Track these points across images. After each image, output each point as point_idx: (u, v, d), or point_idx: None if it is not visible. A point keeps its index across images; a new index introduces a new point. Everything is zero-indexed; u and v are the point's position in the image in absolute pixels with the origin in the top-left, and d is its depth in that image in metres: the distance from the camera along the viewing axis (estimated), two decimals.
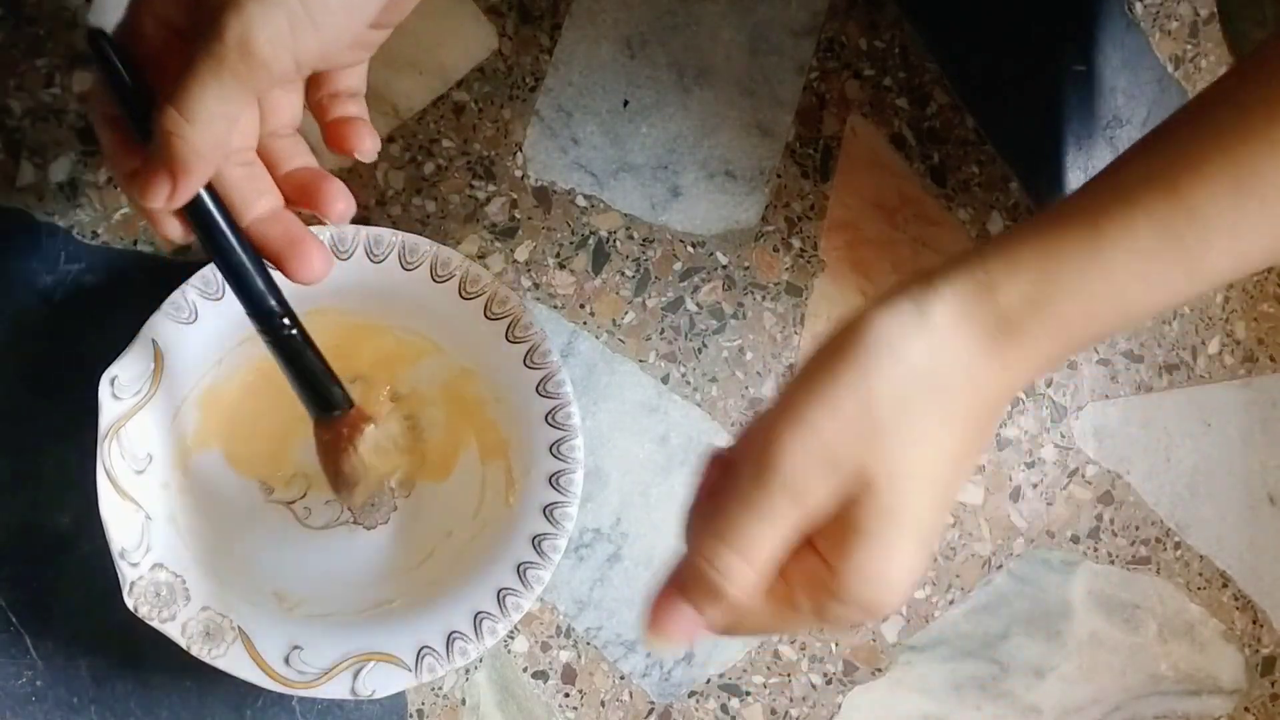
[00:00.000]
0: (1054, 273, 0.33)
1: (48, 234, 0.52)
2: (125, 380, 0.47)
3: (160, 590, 0.47)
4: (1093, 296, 0.33)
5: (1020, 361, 0.34)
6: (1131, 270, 0.33)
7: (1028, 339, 0.33)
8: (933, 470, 0.33)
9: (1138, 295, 0.33)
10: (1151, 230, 0.33)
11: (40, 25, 0.51)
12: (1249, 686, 0.62)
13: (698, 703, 0.57)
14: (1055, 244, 0.33)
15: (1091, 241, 0.33)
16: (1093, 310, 0.33)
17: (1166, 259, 0.33)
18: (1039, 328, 0.33)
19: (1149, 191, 0.33)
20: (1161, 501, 0.61)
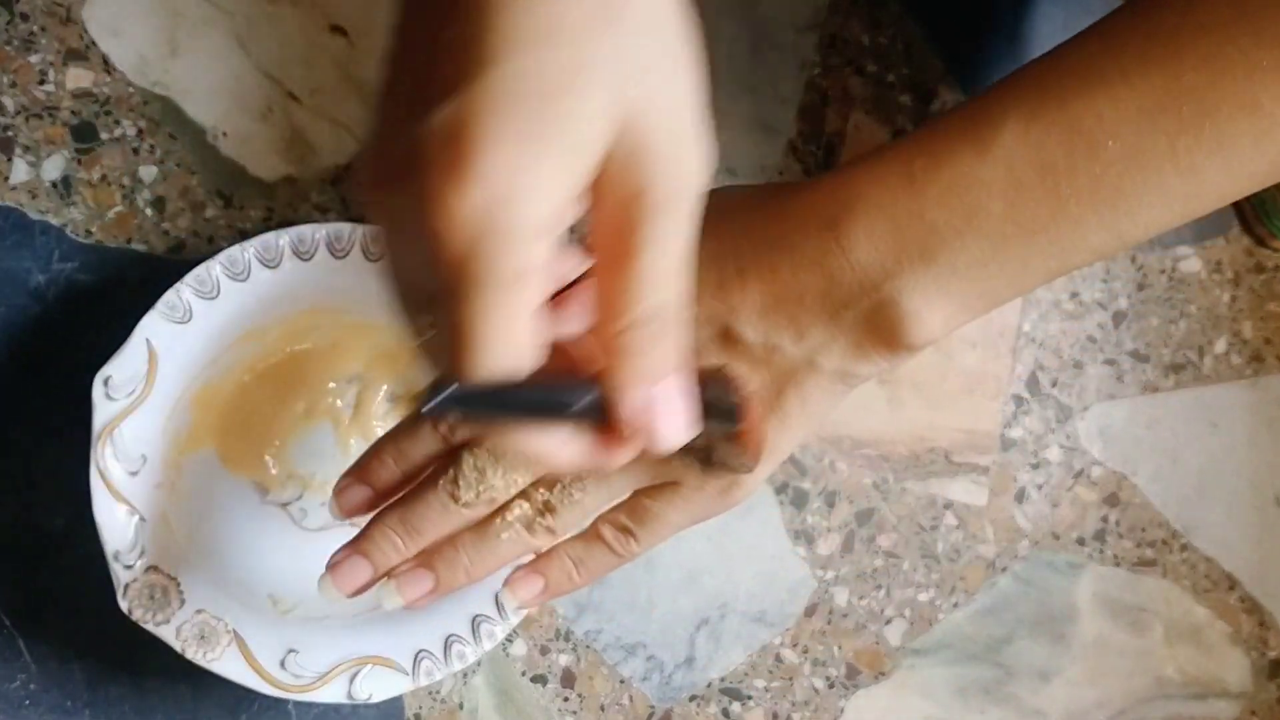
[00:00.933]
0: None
1: (41, 232, 0.51)
2: (119, 380, 0.47)
3: (154, 593, 0.47)
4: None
5: (799, 210, 0.37)
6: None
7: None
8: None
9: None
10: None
11: (34, 21, 0.51)
12: (1256, 690, 0.61)
13: (698, 707, 0.56)
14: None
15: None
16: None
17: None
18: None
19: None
20: (1168, 503, 0.61)
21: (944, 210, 0.35)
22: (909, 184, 0.36)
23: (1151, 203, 0.35)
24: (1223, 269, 0.61)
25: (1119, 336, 0.60)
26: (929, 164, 0.36)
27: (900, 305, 0.36)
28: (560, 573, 0.40)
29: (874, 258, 0.36)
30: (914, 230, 0.36)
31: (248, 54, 0.52)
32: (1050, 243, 0.36)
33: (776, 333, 0.37)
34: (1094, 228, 0.36)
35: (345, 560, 0.39)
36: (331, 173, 0.53)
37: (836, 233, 0.36)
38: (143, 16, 0.52)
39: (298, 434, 0.52)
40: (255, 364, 0.51)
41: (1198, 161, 0.34)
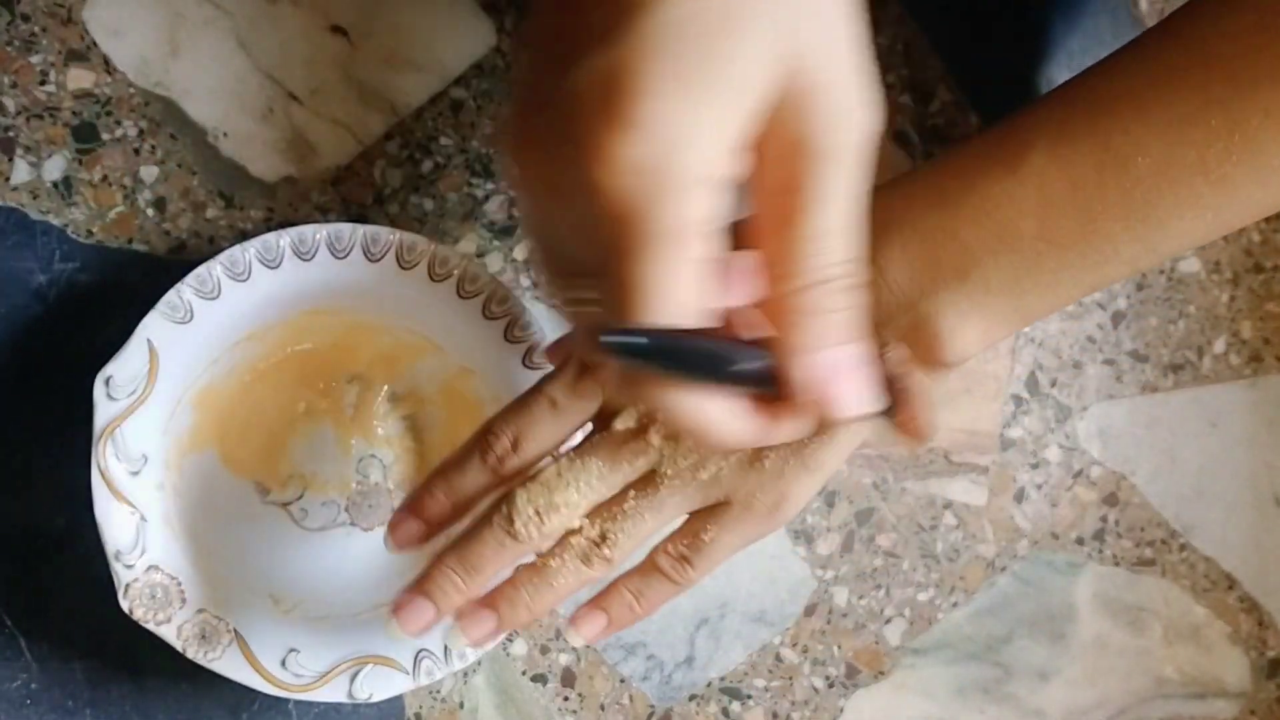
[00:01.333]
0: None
1: (42, 233, 0.51)
2: (120, 380, 0.47)
3: (156, 592, 0.47)
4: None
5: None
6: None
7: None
8: None
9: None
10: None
11: (35, 22, 0.51)
12: (1255, 689, 0.61)
13: (698, 706, 0.56)
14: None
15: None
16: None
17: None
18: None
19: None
20: (1167, 503, 0.61)
21: (976, 229, 0.36)
22: (941, 204, 0.36)
23: (1183, 215, 0.35)
24: (1221, 269, 0.61)
25: (1118, 336, 0.60)
26: (961, 185, 0.36)
27: (936, 322, 0.37)
28: (621, 607, 0.41)
29: (909, 277, 0.36)
30: (948, 249, 0.36)
31: (249, 55, 0.52)
32: (1082, 257, 0.36)
33: None
34: (1126, 242, 0.36)
35: (409, 602, 0.40)
36: (332, 173, 0.53)
37: (873, 253, 0.36)
38: (144, 17, 0.52)
39: (298, 434, 0.52)
40: (256, 364, 0.51)
41: (1229, 172, 0.34)
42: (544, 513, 0.39)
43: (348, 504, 0.52)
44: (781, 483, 0.39)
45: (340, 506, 0.52)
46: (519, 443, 0.39)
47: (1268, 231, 0.61)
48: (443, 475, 0.40)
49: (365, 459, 0.53)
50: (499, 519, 0.39)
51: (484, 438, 0.40)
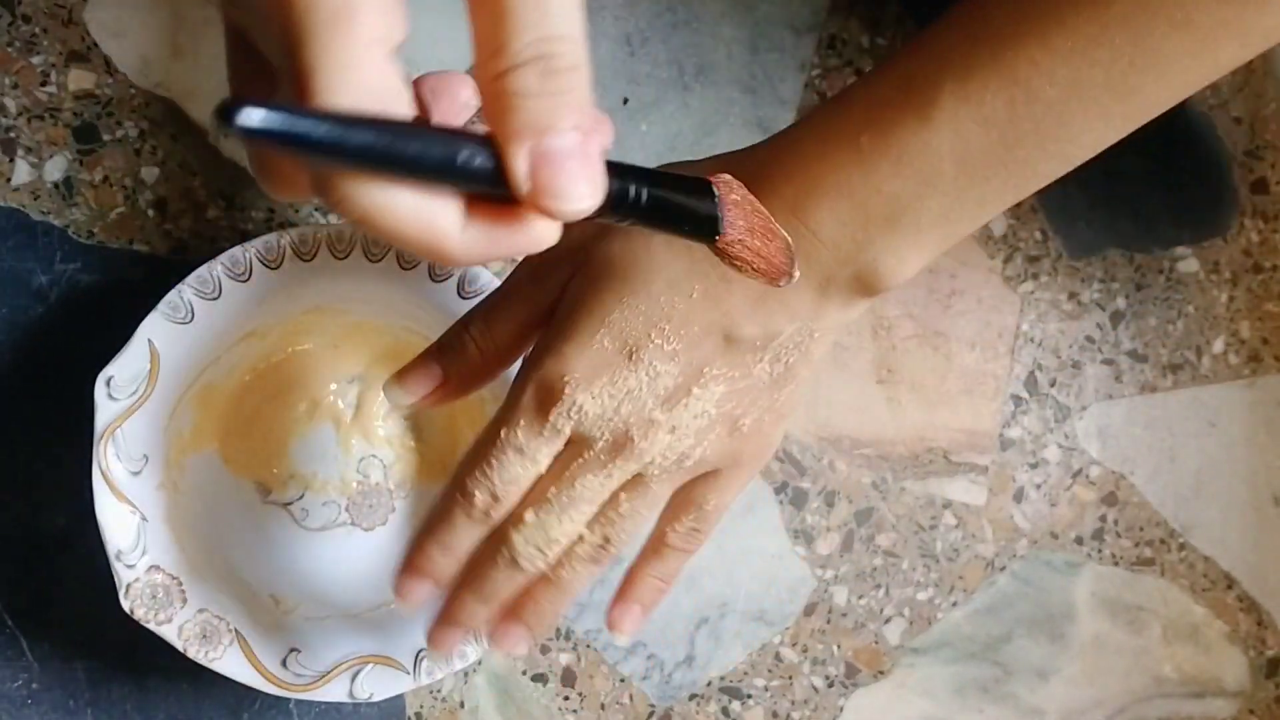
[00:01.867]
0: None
1: (43, 233, 0.51)
2: (121, 381, 0.47)
3: (156, 592, 0.47)
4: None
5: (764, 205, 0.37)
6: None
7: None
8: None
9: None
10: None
11: (36, 23, 0.51)
12: (1254, 689, 0.61)
13: (698, 705, 0.56)
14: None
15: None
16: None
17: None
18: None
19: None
20: (1166, 502, 0.61)
21: (899, 180, 0.37)
22: (860, 162, 0.37)
23: (1094, 128, 0.36)
24: (1220, 269, 0.61)
25: (1117, 336, 0.60)
26: (876, 139, 0.37)
27: (876, 268, 0.38)
28: (650, 591, 0.43)
29: (843, 234, 0.37)
30: (875, 203, 0.37)
31: None
32: (1003, 183, 0.37)
33: (772, 321, 0.39)
34: (1042, 161, 0.37)
35: (440, 632, 0.42)
36: None
37: (803, 217, 0.37)
38: (144, 18, 0.52)
39: (299, 434, 0.52)
40: (257, 364, 0.51)
41: (1134, 83, 0.35)
42: (545, 548, 0.40)
43: (348, 504, 0.52)
44: (761, 436, 0.41)
45: (341, 506, 0.52)
46: (497, 495, 0.39)
47: (1266, 231, 0.61)
48: (433, 537, 0.41)
49: (366, 459, 0.53)
50: (503, 560, 0.40)
51: (462, 497, 0.40)
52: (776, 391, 0.40)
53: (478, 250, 0.27)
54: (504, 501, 0.40)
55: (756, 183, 0.37)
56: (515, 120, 0.26)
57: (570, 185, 0.26)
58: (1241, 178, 0.61)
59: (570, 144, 0.26)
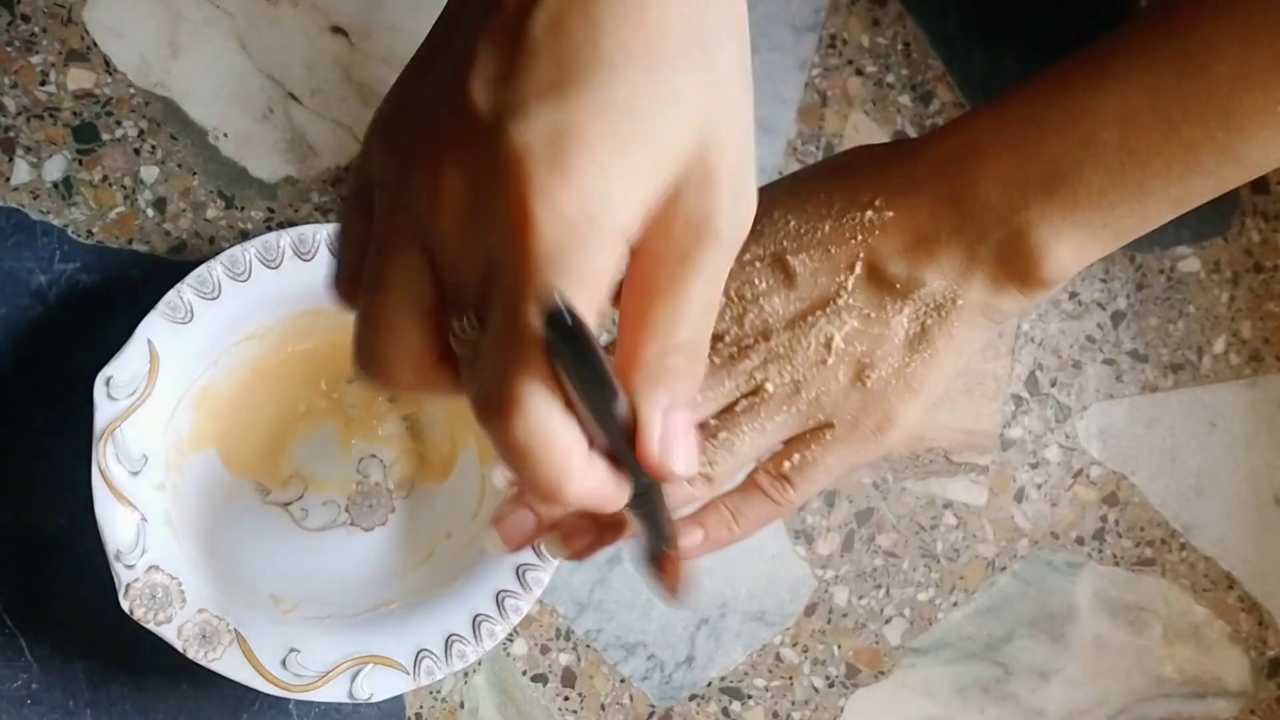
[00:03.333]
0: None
1: (42, 233, 0.51)
2: (120, 381, 0.47)
3: (156, 592, 0.47)
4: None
5: (930, 152, 0.39)
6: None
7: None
8: None
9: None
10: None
11: (35, 22, 0.51)
12: (1255, 689, 0.61)
13: (699, 706, 0.56)
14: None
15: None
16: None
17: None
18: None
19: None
20: (1167, 502, 0.61)
21: (1061, 143, 0.37)
22: (1027, 120, 0.37)
23: (1264, 122, 0.36)
24: (1221, 269, 0.61)
25: (1118, 336, 0.60)
26: (1045, 100, 0.37)
27: (1029, 237, 0.37)
28: (719, 523, 0.41)
29: (1001, 192, 0.37)
30: (1036, 164, 0.37)
31: (249, 55, 0.52)
32: (1166, 168, 0.37)
33: (918, 268, 0.38)
34: (1208, 150, 0.36)
35: (509, 514, 0.39)
36: (332, 173, 0.53)
37: (965, 171, 0.38)
38: (144, 18, 0.52)
39: (299, 434, 0.52)
40: (257, 364, 0.51)
41: None
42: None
43: (348, 504, 0.52)
44: (885, 403, 0.39)
45: (341, 506, 0.52)
46: None
47: (1267, 231, 0.61)
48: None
49: (366, 459, 0.53)
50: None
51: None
52: (910, 355, 0.39)
53: (586, 493, 0.30)
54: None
55: (929, 145, 0.38)
56: (662, 392, 0.30)
57: (686, 452, 0.30)
58: None
59: (688, 420, 0.31)
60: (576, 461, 0.29)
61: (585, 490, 0.30)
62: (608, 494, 0.31)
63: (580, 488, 0.29)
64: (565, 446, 0.28)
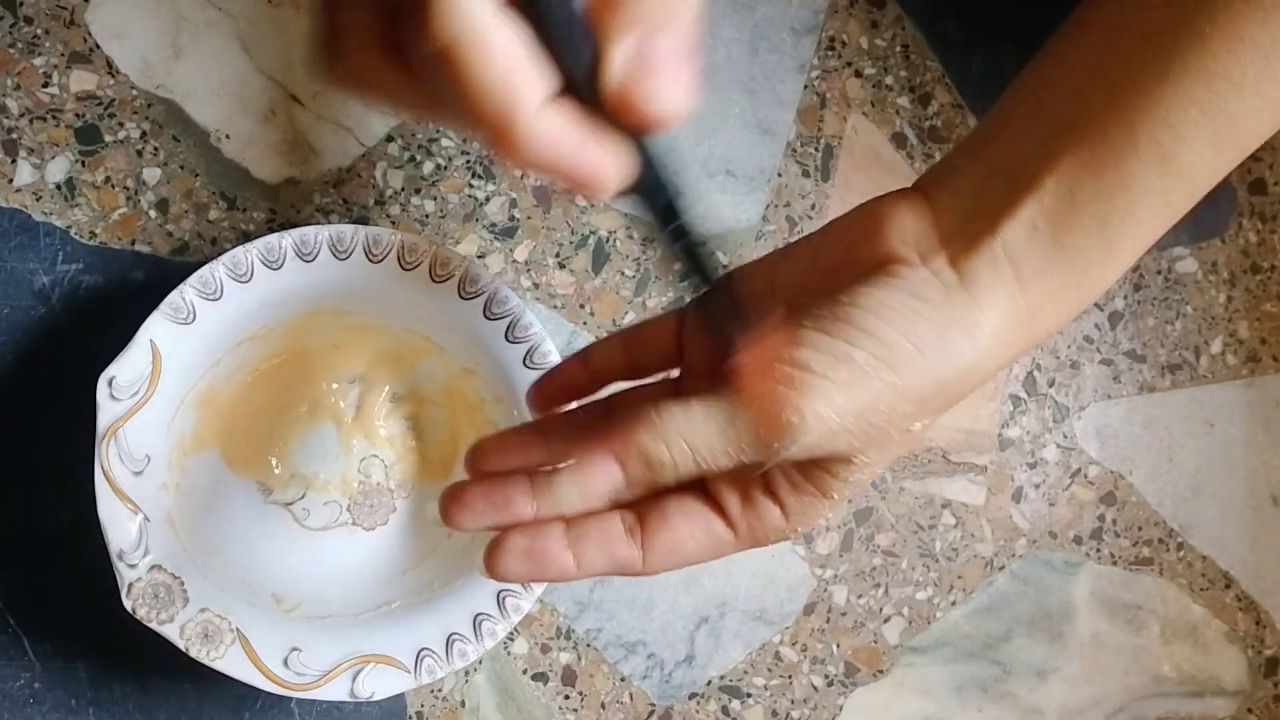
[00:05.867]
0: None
1: (45, 234, 0.51)
2: (123, 381, 0.47)
3: (158, 592, 0.47)
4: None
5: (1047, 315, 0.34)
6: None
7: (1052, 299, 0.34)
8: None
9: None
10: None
11: (37, 24, 0.51)
12: (1252, 688, 0.62)
13: (698, 705, 0.56)
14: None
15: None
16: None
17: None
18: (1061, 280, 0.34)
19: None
20: (1164, 502, 0.61)
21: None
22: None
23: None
24: (1219, 269, 0.61)
25: (1116, 336, 0.60)
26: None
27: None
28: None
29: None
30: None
31: (250, 57, 0.53)
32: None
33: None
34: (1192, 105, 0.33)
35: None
36: (334, 175, 0.53)
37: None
38: (146, 19, 0.52)
39: (301, 434, 0.52)
40: (258, 365, 0.51)
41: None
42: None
43: (350, 504, 0.52)
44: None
45: (342, 506, 0.52)
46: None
47: (1264, 232, 0.61)
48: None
49: (367, 459, 0.53)
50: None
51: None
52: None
53: (542, 139, 0.25)
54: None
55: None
56: (627, 12, 0.25)
57: (663, 89, 0.25)
58: (1239, 178, 0.61)
59: (674, 48, 0.25)
60: (523, 84, 0.24)
61: (547, 139, 0.25)
62: (581, 158, 0.26)
63: (540, 132, 0.25)
64: (504, 51, 0.24)
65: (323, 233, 0.48)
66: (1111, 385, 0.60)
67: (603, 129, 0.26)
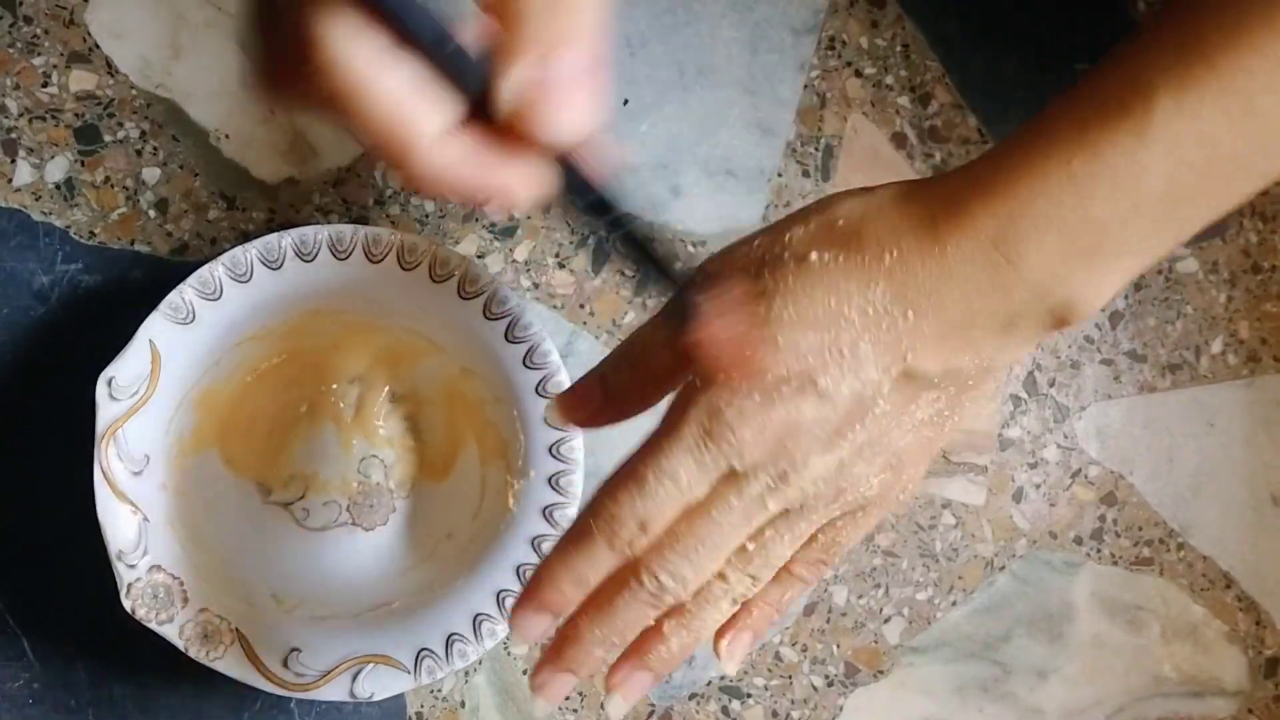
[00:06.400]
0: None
1: (44, 234, 0.51)
2: (122, 381, 0.47)
3: (158, 592, 0.47)
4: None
5: (960, 237, 0.35)
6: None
7: (966, 215, 0.35)
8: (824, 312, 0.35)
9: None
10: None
11: (37, 24, 0.51)
12: (1252, 688, 0.62)
13: (698, 705, 0.56)
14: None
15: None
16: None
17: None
18: (979, 203, 0.35)
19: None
20: (1164, 502, 0.61)
21: (1109, 205, 0.34)
22: (1073, 187, 0.35)
23: None
24: (1219, 269, 0.61)
25: (1116, 336, 0.60)
26: (1089, 159, 0.34)
27: (1072, 300, 0.36)
28: (763, 619, 0.40)
29: (1044, 266, 0.35)
30: (1082, 230, 0.35)
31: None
32: (1206, 202, 0.35)
33: (954, 358, 0.36)
34: (1245, 180, 0.35)
35: (552, 679, 0.38)
36: (334, 174, 0.53)
37: (1005, 251, 0.35)
38: (145, 19, 0.52)
39: (300, 434, 0.52)
40: (258, 365, 0.51)
41: None
42: (686, 583, 0.37)
43: (349, 504, 0.52)
44: (913, 471, 0.39)
45: (342, 506, 0.52)
46: (647, 526, 0.37)
47: (1265, 232, 0.61)
48: (565, 565, 0.37)
49: (367, 459, 0.53)
50: (644, 593, 0.37)
51: (607, 524, 0.37)
52: (937, 428, 0.38)
53: (438, 170, 0.25)
54: (650, 532, 0.37)
55: (952, 213, 0.35)
56: (520, 33, 0.25)
57: (558, 111, 0.25)
58: None
59: (574, 65, 0.25)
60: (411, 118, 0.25)
61: (441, 164, 0.25)
62: (475, 172, 0.25)
63: (433, 158, 0.25)
64: (389, 94, 0.24)
65: (322, 232, 0.48)
66: (1112, 385, 0.60)
67: (514, 146, 0.26)
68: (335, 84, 0.25)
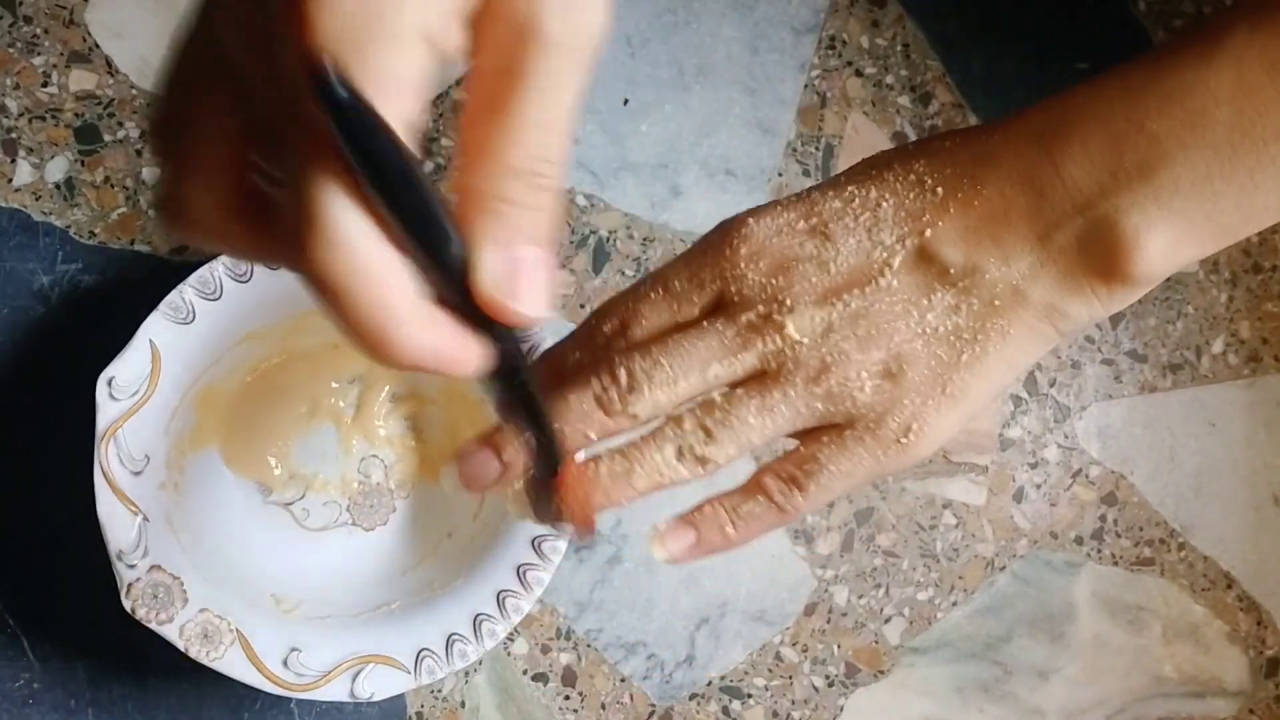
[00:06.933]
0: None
1: (45, 234, 0.51)
2: (123, 381, 0.47)
3: (158, 592, 0.47)
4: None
5: (1007, 127, 0.34)
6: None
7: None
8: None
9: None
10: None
11: (37, 24, 0.51)
12: (1254, 688, 0.61)
13: (699, 705, 0.56)
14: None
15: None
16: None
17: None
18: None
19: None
20: (1165, 502, 0.61)
21: (1166, 119, 0.32)
22: (1127, 94, 0.32)
23: None
24: (1220, 269, 0.61)
25: (1117, 336, 0.60)
26: (1150, 73, 0.33)
27: (1117, 225, 0.33)
28: (713, 527, 0.36)
29: (1089, 173, 0.33)
30: (1133, 142, 0.32)
31: None
32: (1274, 147, 0.32)
33: (979, 253, 0.34)
34: None
35: (477, 456, 0.36)
36: None
37: (1047, 146, 0.33)
38: (145, 19, 0.52)
39: (300, 434, 0.52)
40: (258, 364, 0.51)
41: None
42: (642, 391, 0.34)
43: (349, 504, 0.52)
44: (916, 406, 0.35)
45: (342, 506, 0.52)
46: (627, 323, 0.35)
47: (1265, 232, 0.61)
48: (548, 351, 0.36)
49: (367, 459, 0.53)
50: (596, 385, 0.35)
51: (593, 316, 0.36)
52: (953, 353, 0.34)
53: (426, 349, 0.26)
54: (629, 332, 0.35)
55: (1008, 120, 0.34)
56: (498, 225, 0.26)
57: (531, 293, 0.27)
58: None
59: (538, 257, 0.27)
60: (399, 299, 0.26)
61: (423, 345, 0.26)
62: (455, 354, 0.27)
63: (416, 341, 0.26)
64: (379, 274, 0.25)
65: None
66: (1113, 385, 0.60)
67: (459, 318, 0.27)
68: (332, 268, 0.25)
